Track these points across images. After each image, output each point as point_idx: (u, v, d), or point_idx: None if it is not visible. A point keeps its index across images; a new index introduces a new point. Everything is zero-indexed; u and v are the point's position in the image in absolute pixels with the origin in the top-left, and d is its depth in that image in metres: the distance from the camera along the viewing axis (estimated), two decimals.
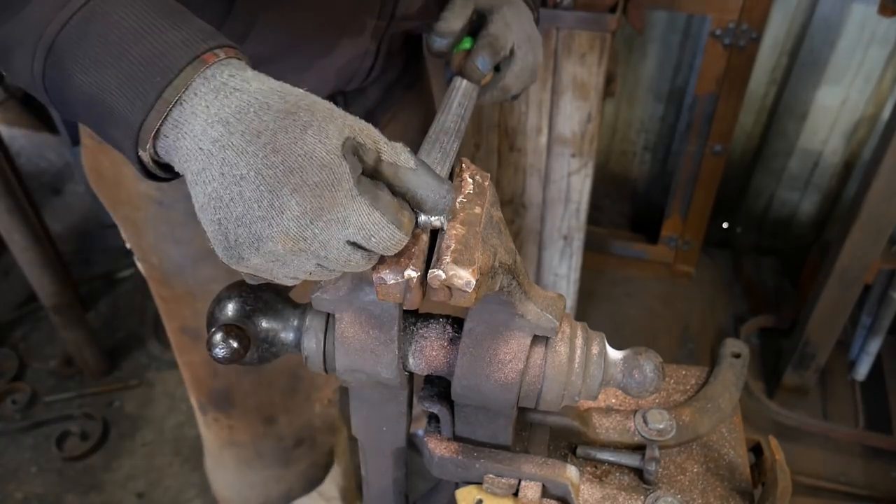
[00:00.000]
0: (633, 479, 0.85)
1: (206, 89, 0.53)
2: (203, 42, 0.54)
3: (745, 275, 2.77)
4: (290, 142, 0.52)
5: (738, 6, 2.08)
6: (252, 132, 0.52)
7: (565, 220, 2.19)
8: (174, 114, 0.53)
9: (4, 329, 2.59)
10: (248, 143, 0.51)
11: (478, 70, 0.94)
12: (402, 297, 0.59)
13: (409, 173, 0.57)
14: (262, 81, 0.55)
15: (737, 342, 0.98)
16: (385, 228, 0.55)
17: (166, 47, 0.53)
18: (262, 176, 0.51)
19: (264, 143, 0.51)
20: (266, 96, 0.53)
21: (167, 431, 2.30)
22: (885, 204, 1.81)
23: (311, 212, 0.52)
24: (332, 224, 0.53)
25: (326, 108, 0.55)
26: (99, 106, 0.54)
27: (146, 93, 0.52)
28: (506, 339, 0.68)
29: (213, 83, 0.53)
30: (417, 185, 0.57)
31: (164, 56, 0.53)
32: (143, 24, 0.54)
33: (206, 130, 0.52)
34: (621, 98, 2.71)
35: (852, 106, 2.44)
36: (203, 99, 0.53)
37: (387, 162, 0.56)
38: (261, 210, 0.51)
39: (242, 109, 0.52)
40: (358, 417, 0.79)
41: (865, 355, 2.30)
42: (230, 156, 0.52)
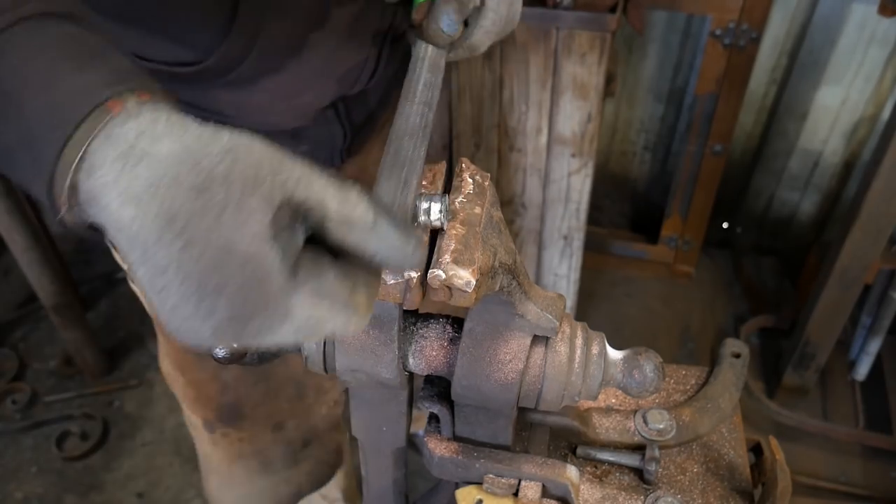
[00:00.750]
0: (633, 479, 0.85)
1: (112, 155, 0.44)
2: (108, 87, 0.46)
3: (745, 275, 2.77)
4: (206, 231, 0.43)
5: (738, 6, 2.08)
6: (164, 216, 0.43)
7: (565, 220, 2.19)
8: (85, 185, 0.45)
9: (4, 329, 2.59)
10: (162, 231, 0.43)
11: (442, 32, 0.81)
12: (402, 297, 0.59)
13: (364, 233, 0.47)
14: (176, 138, 0.44)
15: (737, 342, 0.98)
16: (334, 321, 0.47)
17: (66, 96, 0.46)
18: (182, 272, 0.43)
19: (178, 232, 0.43)
20: (177, 164, 0.43)
21: (167, 431, 2.30)
22: (885, 204, 1.81)
23: (241, 316, 0.44)
24: (271, 324, 0.45)
25: (252, 166, 0.44)
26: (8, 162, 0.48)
27: (44, 152, 0.45)
28: (506, 339, 0.68)
29: (119, 147, 0.44)
30: (376, 247, 0.47)
31: (64, 106, 0.45)
32: (44, 70, 0.46)
33: (119, 210, 0.44)
34: (621, 98, 2.71)
35: (852, 106, 2.44)
36: (111, 169, 0.44)
37: (336, 222, 0.46)
38: (190, 308, 0.44)
39: (153, 184, 0.43)
40: (358, 417, 0.79)
41: (865, 355, 2.30)
42: (148, 242, 0.43)
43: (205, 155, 0.44)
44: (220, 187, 0.43)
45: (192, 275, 0.43)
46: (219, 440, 1.30)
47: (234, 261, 0.43)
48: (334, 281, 0.47)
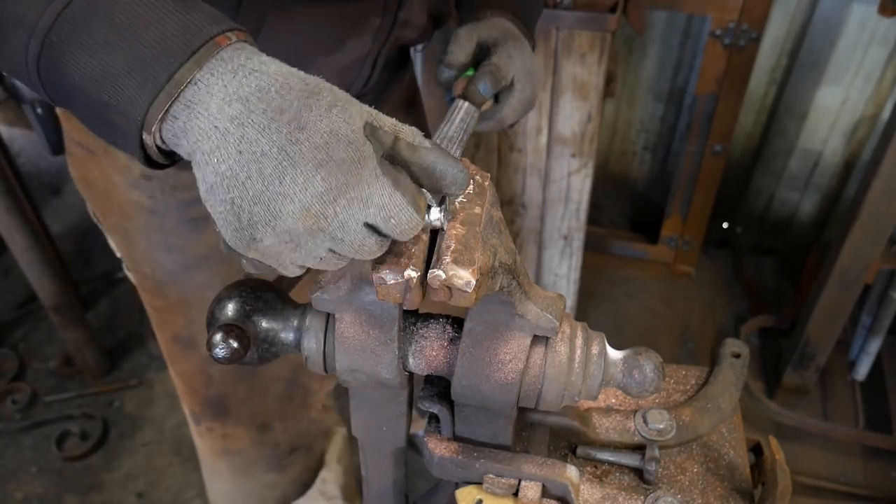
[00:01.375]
0: (633, 479, 0.85)
1: (223, 69, 0.52)
2: (215, 25, 0.53)
3: (745, 275, 2.77)
4: (316, 119, 0.51)
5: (738, 6, 2.08)
6: (275, 109, 0.51)
7: (565, 220, 2.19)
8: (187, 94, 0.52)
9: (4, 329, 2.59)
10: (270, 120, 0.51)
11: (479, 94, 0.98)
12: (402, 297, 0.59)
13: (426, 152, 0.57)
14: (280, 65, 0.54)
15: (737, 342, 0.98)
16: (405, 210, 0.55)
17: (178, 31, 0.52)
18: (285, 152, 0.51)
19: (288, 120, 0.51)
20: (286, 78, 0.53)
21: (167, 431, 2.30)
22: (885, 204, 1.81)
23: (335, 188, 0.52)
24: (355, 202, 0.53)
25: (345, 93, 0.55)
26: (102, 91, 0.53)
27: (157, 74, 0.51)
28: (506, 339, 0.68)
29: (231, 64, 0.52)
30: (436, 162, 0.57)
31: (176, 39, 0.52)
32: (152, 8, 0.52)
33: (222, 109, 0.51)
34: (621, 98, 2.71)
35: (852, 106, 2.44)
36: (220, 78, 0.52)
37: (405, 142, 0.56)
38: (282, 186, 0.51)
39: (263, 89, 0.52)
40: (358, 417, 0.79)
41: (865, 355, 2.30)
42: (250, 132, 0.51)
43: (306, 76, 0.54)
44: (328, 93, 0.53)
45: (297, 153, 0.51)
46: (205, 433, 1.31)
47: (340, 142, 0.52)
48: (407, 181, 0.56)
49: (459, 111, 0.96)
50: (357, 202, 0.53)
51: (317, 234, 0.53)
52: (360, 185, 0.52)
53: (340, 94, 0.54)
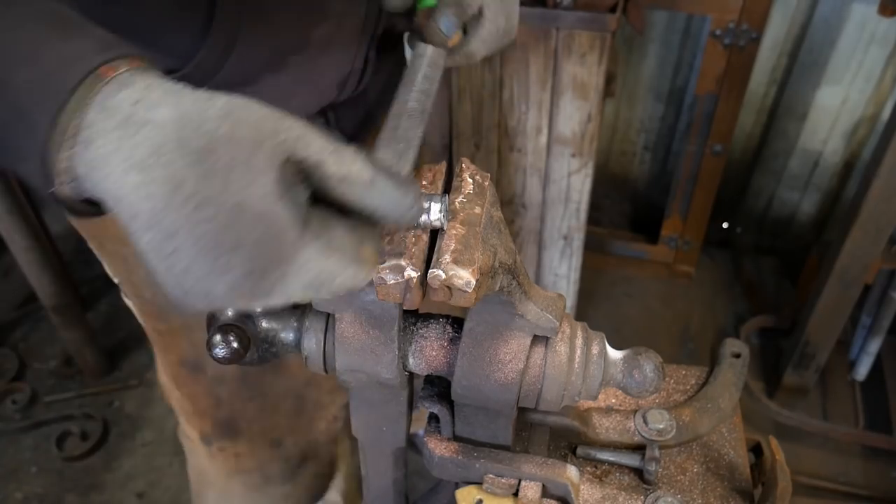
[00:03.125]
0: (633, 479, 0.85)
1: (110, 125, 0.44)
2: (98, 54, 0.46)
3: (745, 275, 2.77)
4: (217, 192, 0.43)
5: (738, 6, 2.08)
6: (172, 181, 0.43)
7: (565, 220, 2.19)
8: (85, 155, 0.45)
9: (4, 329, 2.59)
10: (171, 195, 0.43)
11: (440, 33, 0.82)
12: (402, 297, 0.59)
13: (363, 189, 0.48)
14: (173, 104, 0.45)
15: (737, 342, 0.98)
16: (343, 274, 0.48)
17: (55, 66, 0.45)
18: (195, 234, 0.44)
19: (188, 196, 0.43)
20: (179, 129, 0.44)
21: (167, 431, 2.30)
22: (885, 204, 1.81)
23: (258, 270, 0.45)
24: (285, 278, 0.46)
25: (252, 127, 0.45)
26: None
27: (37, 122, 0.45)
28: (506, 339, 0.68)
29: (118, 115, 0.44)
30: (377, 202, 0.48)
31: (53, 76, 0.45)
32: (26, 42, 0.46)
33: (122, 178, 0.44)
34: (621, 98, 2.71)
35: (852, 106, 2.44)
36: (110, 137, 0.44)
37: (335, 178, 0.47)
38: (205, 267, 0.44)
39: (156, 150, 0.43)
40: (358, 417, 0.79)
41: (865, 355, 2.30)
42: (156, 210, 0.43)
43: (205, 119, 0.45)
44: (225, 149, 0.44)
45: (207, 234, 0.44)
46: (216, 454, 1.29)
47: (248, 218, 0.44)
48: (343, 235, 0.48)
49: (423, 61, 0.81)
50: (287, 277, 0.46)
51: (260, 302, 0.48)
52: (284, 261, 0.45)
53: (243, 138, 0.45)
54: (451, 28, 0.83)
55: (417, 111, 0.70)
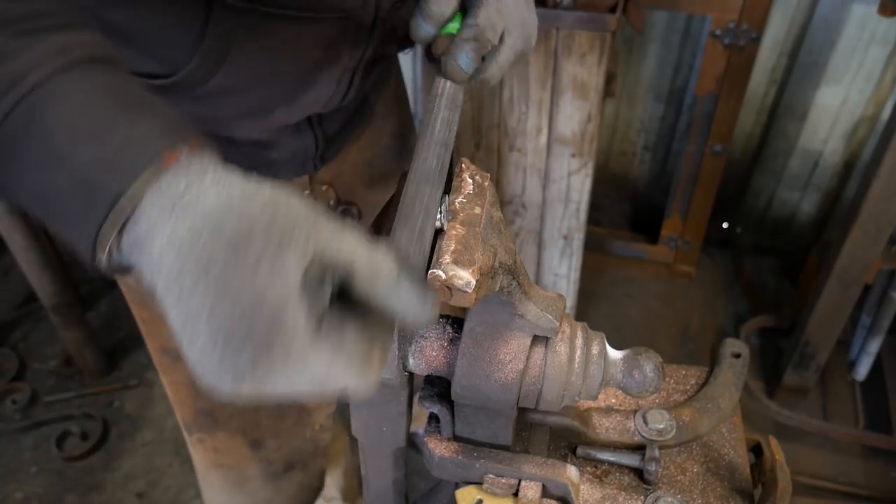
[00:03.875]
0: (633, 479, 0.85)
1: (159, 206, 0.47)
2: (162, 138, 0.48)
3: (745, 275, 2.77)
4: (241, 282, 0.45)
5: (738, 6, 2.08)
6: (202, 265, 0.45)
7: (565, 220, 2.19)
8: (130, 234, 0.47)
9: (4, 329, 2.59)
10: (198, 278, 0.45)
11: (460, 71, 0.81)
12: None
13: (388, 289, 0.49)
14: (222, 191, 0.47)
15: (737, 342, 0.98)
16: (347, 377, 0.48)
17: (120, 147, 0.47)
18: (213, 318, 0.45)
19: (214, 280, 0.45)
20: (222, 215, 0.46)
21: (167, 431, 2.30)
22: (885, 204, 1.81)
23: (263, 365, 0.46)
24: (290, 375, 0.47)
25: (290, 221, 0.47)
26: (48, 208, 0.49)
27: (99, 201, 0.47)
28: (506, 339, 0.68)
29: (168, 198, 0.47)
30: (397, 304, 0.50)
31: (119, 157, 0.47)
32: (95, 119, 0.48)
33: (161, 257, 0.46)
34: (621, 98, 2.71)
35: (852, 106, 2.44)
36: (158, 219, 0.47)
37: (363, 278, 0.49)
38: (217, 352, 0.46)
39: (195, 234, 0.46)
40: (358, 417, 0.79)
41: (865, 355, 2.30)
42: (184, 288, 0.46)
43: (247, 207, 0.47)
44: (259, 240, 0.46)
45: (222, 321, 0.45)
46: (196, 444, 1.30)
47: (264, 311, 0.45)
48: (353, 339, 0.49)
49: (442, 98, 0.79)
50: (292, 375, 0.47)
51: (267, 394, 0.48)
52: (289, 359, 0.46)
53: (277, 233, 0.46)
54: (470, 65, 0.81)
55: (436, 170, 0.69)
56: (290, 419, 1.27)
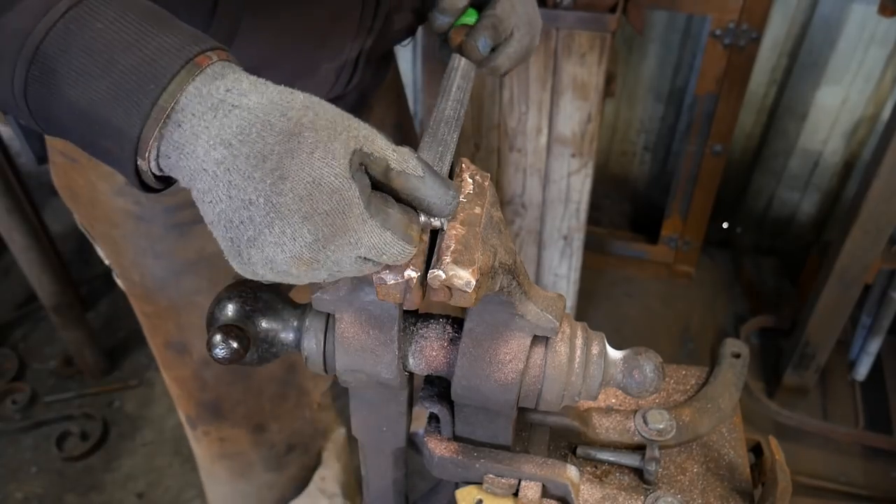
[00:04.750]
0: (633, 479, 0.85)
1: (203, 108, 0.51)
2: (194, 45, 0.52)
3: (745, 275, 2.77)
4: (298, 167, 0.50)
5: (738, 6, 2.08)
6: (257, 155, 0.50)
7: (565, 220, 2.19)
8: (174, 135, 0.51)
9: (4, 329, 2.59)
10: (254, 168, 0.50)
11: (477, 51, 0.92)
12: (402, 297, 0.59)
13: (417, 181, 0.56)
14: (261, 93, 0.52)
15: (737, 342, 0.98)
16: (396, 246, 0.55)
17: (156, 53, 0.51)
18: (271, 203, 0.50)
19: (271, 169, 0.50)
20: (267, 113, 0.51)
21: (167, 431, 2.30)
22: (885, 204, 1.81)
23: (323, 238, 0.52)
24: (345, 247, 0.53)
25: (330, 120, 0.53)
26: (91, 119, 0.52)
27: (140, 102, 0.50)
28: (506, 339, 0.68)
29: (210, 100, 0.51)
30: (426, 192, 0.57)
31: (155, 62, 0.51)
32: (129, 32, 0.52)
33: (208, 152, 0.51)
34: (621, 98, 2.71)
35: (852, 106, 2.44)
36: (202, 119, 0.51)
37: (395, 171, 0.55)
38: (272, 236, 0.51)
39: (244, 130, 0.51)
40: (358, 417, 0.79)
41: (865, 355, 2.30)
42: (237, 179, 0.50)
43: (289, 107, 0.52)
44: (310, 132, 0.52)
45: (283, 204, 0.50)
46: (201, 437, 1.31)
47: (323, 191, 0.51)
48: (397, 215, 0.55)
49: (456, 73, 0.88)
50: (346, 246, 0.53)
51: (313, 272, 0.54)
52: (348, 231, 0.52)
53: (324, 127, 0.52)
54: (486, 48, 0.93)
55: (453, 118, 0.77)
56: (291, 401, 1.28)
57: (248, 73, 0.55)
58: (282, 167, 0.50)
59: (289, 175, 0.50)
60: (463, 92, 0.85)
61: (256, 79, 0.54)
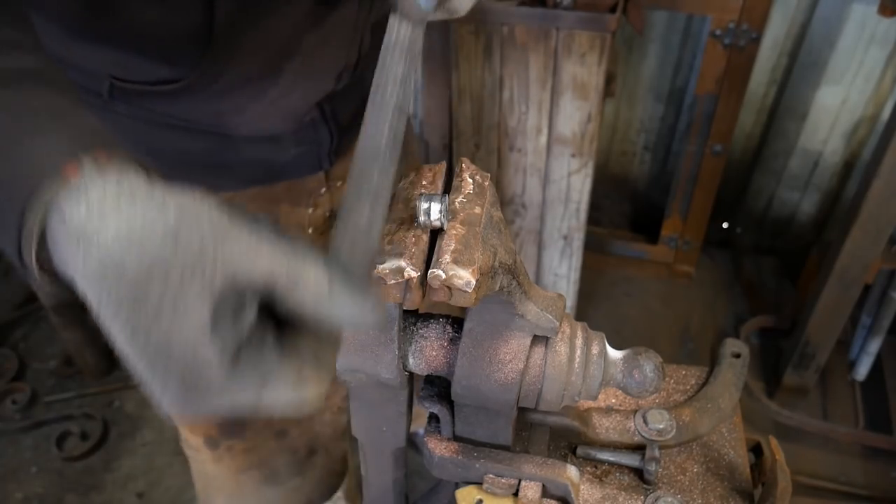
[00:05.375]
0: (633, 479, 0.84)
1: (65, 238, 0.44)
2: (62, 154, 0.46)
3: (745, 275, 2.77)
4: (148, 323, 0.44)
5: (738, 6, 2.08)
6: (113, 303, 0.44)
7: (565, 220, 2.19)
8: (52, 256, 0.46)
9: (4, 329, 2.59)
10: (113, 317, 0.44)
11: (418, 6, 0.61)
12: (402, 297, 0.59)
13: (318, 303, 0.46)
14: (122, 219, 0.43)
15: (737, 342, 0.98)
16: (283, 400, 0.47)
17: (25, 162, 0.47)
18: (135, 352, 0.45)
19: (125, 322, 0.44)
20: (122, 251, 0.43)
21: (167, 431, 2.30)
22: (885, 204, 1.81)
23: (187, 398, 0.46)
24: (220, 405, 0.47)
25: (193, 250, 0.43)
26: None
27: (10, 222, 0.46)
28: (506, 339, 0.68)
29: (71, 227, 0.44)
30: (334, 314, 0.47)
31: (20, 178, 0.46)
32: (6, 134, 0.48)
33: (80, 283, 0.45)
34: (621, 98, 2.71)
35: (852, 106, 2.44)
36: (67, 249, 0.45)
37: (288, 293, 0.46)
38: (155, 382, 0.47)
39: (102, 273, 0.44)
40: (358, 417, 0.79)
41: (865, 355, 2.30)
42: (106, 322, 0.45)
43: (147, 239, 0.43)
44: (160, 279, 0.43)
45: (143, 357, 0.45)
46: (223, 455, 1.29)
47: (175, 352, 0.44)
48: (278, 365, 0.47)
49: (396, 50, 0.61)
50: (220, 404, 0.47)
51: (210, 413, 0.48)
52: (212, 392, 0.46)
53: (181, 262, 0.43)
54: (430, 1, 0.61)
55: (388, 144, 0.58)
56: None
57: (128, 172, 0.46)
58: (133, 322, 0.44)
59: (140, 330, 0.44)
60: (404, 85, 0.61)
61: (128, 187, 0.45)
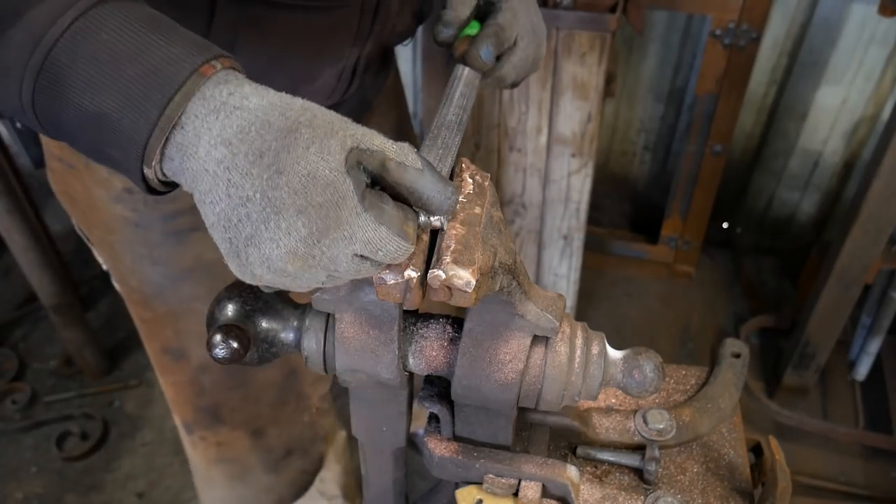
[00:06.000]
0: (633, 479, 0.85)
1: (205, 110, 0.52)
2: (199, 55, 0.53)
3: (745, 275, 2.77)
4: (293, 161, 0.52)
5: (738, 6, 2.08)
6: (255, 152, 0.52)
7: (565, 220, 2.19)
8: (177, 137, 0.53)
9: (4, 329, 2.59)
10: (251, 165, 0.51)
11: (480, 60, 0.91)
12: (402, 297, 0.59)
13: (415, 174, 0.56)
14: (261, 96, 0.54)
15: (737, 342, 0.98)
16: (391, 242, 0.55)
17: (162, 63, 0.52)
18: (267, 198, 0.51)
19: (268, 164, 0.51)
20: (266, 113, 0.53)
21: (167, 431, 2.30)
22: (885, 204, 1.81)
23: (317, 232, 0.52)
24: (339, 241, 0.53)
25: (327, 120, 0.54)
26: (98, 128, 0.53)
27: (148, 111, 0.52)
28: (506, 339, 0.68)
29: (213, 103, 0.53)
30: (423, 187, 0.57)
31: (162, 72, 0.52)
32: (134, 42, 0.53)
33: (209, 152, 0.52)
34: (621, 98, 2.71)
35: (852, 106, 2.44)
36: (204, 121, 0.52)
37: (394, 162, 0.56)
38: (268, 231, 0.52)
39: (244, 129, 0.52)
40: (358, 417, 0.79)
41: (865, 355, 2.30)
42: (235, 177, 0.52)
43: (288, 108, 0.54)
44: (307, 129, 0.53)
45: (278, 198, 0.51)
46: (198, 443, 1.30)
47: (318, 185, 0.52)
48: (392, 211, 0.56)
49: (459, 81, 0.88)
50: (341, 241, 0.53)
51: (309, 270, 0.55)
52: (342, 226, 0.53)
53: (321, 125, 0.54)
54: (489, 56, 0.92)
55: (455, 123, 0.78)
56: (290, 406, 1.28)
57: (250, 80, 0.56)
58: (278, 162, 0.51)
59: (284, 169, 0.51)
60: (466, 99, 0.85)
61: (258, 85, 0.55)
